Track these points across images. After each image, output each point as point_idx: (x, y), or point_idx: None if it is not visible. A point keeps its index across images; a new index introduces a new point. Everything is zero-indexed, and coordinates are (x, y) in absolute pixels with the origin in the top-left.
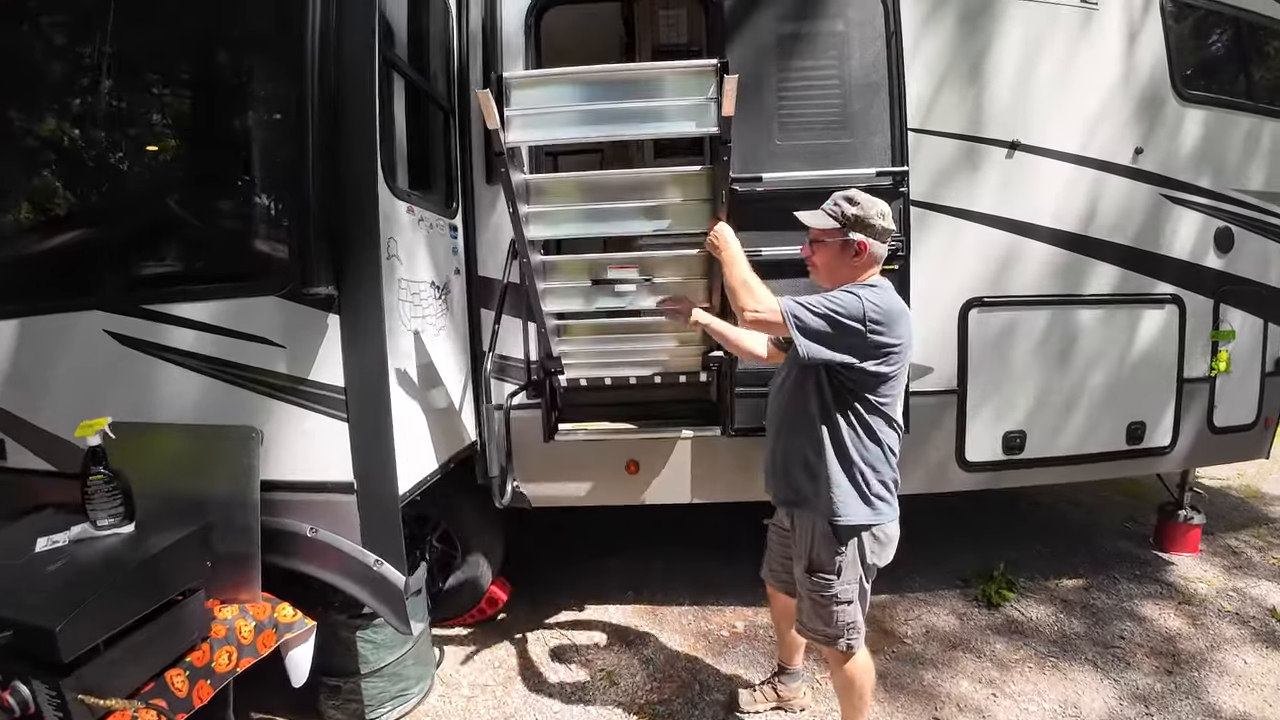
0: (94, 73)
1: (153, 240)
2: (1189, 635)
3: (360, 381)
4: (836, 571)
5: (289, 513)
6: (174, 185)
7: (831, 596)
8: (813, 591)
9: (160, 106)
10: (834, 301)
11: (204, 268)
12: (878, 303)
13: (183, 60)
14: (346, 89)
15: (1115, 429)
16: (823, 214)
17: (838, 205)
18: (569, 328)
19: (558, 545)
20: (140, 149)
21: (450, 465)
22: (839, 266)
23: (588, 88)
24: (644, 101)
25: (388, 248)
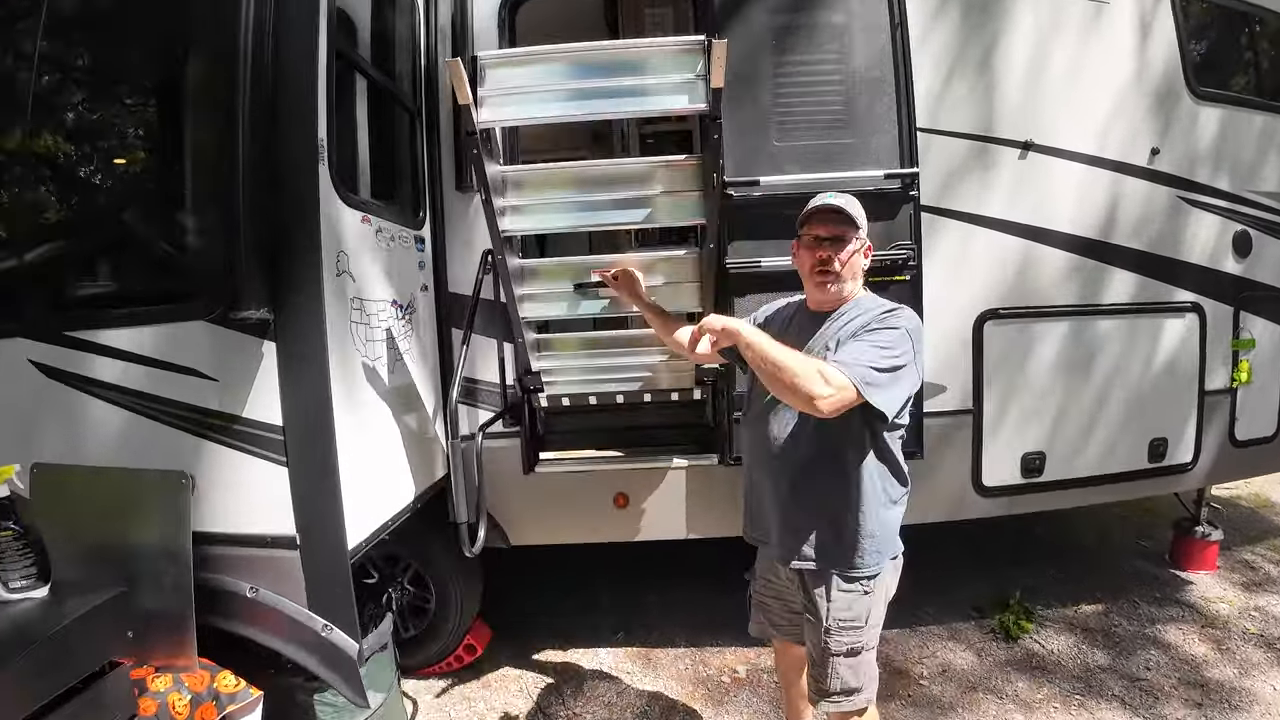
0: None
1: (74, 258)
2: (1215, 661)
3: (300, 418)
4: (866, 619)
5: (227, 569)
6: (93, 194)
7: (861, 647)
8: (838, 651)
9: (76, 111)
10: (889, 347)
11: (127, 288)
12: (915, 323)
13: (95, 56)
14: (284, 75)
15: (1137, 446)
16: (853, 212)
17: (855, 204)
18: (550, 342)
19: (541, 579)
20: (59, 159)
21: (420, 504)
22: (858, 271)
23: (568, 68)
24: (629, 79)
25: (337, 262)
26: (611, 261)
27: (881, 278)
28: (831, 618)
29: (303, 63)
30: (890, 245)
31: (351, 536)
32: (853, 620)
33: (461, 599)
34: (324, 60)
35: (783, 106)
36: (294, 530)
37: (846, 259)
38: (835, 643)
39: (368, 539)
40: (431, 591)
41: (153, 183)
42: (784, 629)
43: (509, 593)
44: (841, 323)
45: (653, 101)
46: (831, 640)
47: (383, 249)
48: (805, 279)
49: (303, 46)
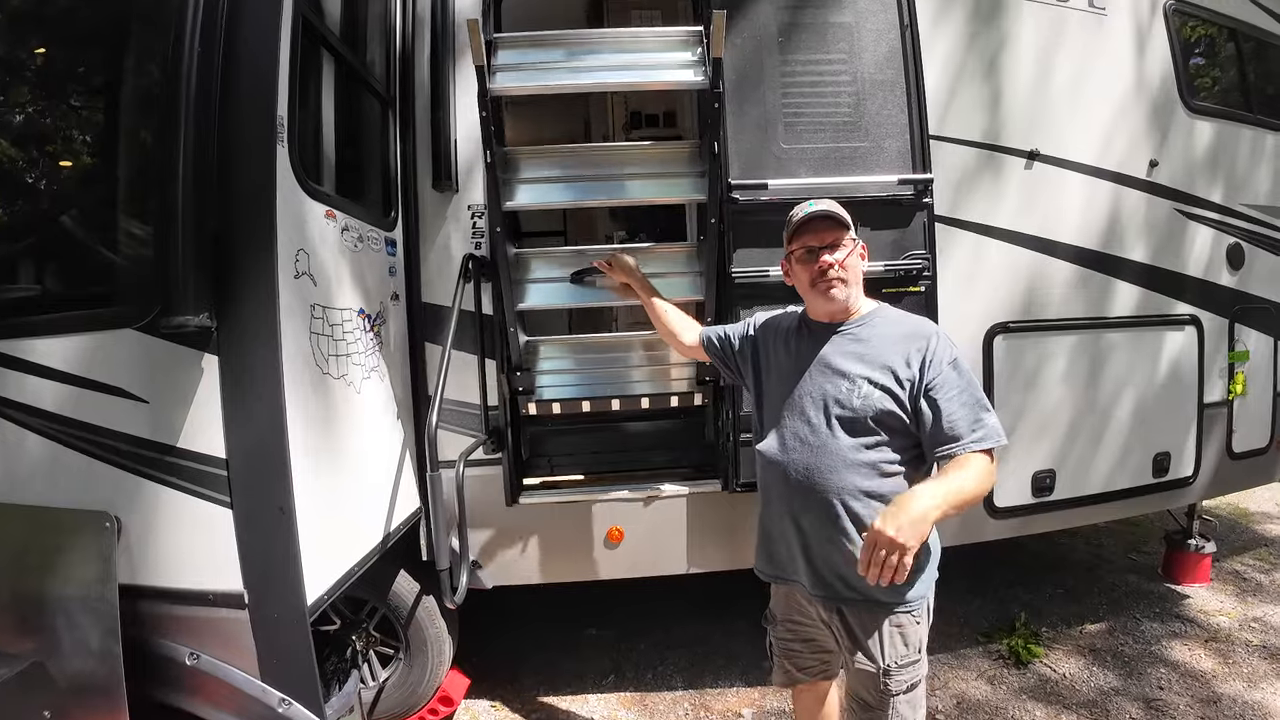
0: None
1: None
2: (1224, 676)
3: (248, 449)
4: (920, 649)
5: (163, 631)
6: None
7: (919, 680)
8: (899, 691)
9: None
10: (967, 373)
11: (42, 290)
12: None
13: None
14: (239, 33)
15: (1142, 461)
16: (839, 213)
17: (837, 206)
18: (542, 345)
19: (521, 615)
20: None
21: (389, 543)
22: (860, 275)
23: (575, 50)
24: (632, 56)
25: (295, 262)
26: (609, 251)
27: (895, 289)
28: (889, 658)
29: (264, 22)
30: (904, 255)
31: (311, 591)
32: (909, 655)
33: (434, 645)
34: (288, 25)
35: (791, 108)
36: (241, 586)
37: (850, 264)
38: (896, 683)
39: (329, 591)
40: (401, 638)
41: (73, 159)
42: (813, 670)
43: (487, 632)
44: (865, 337)
45: (655, 74)
46: (893, 681)
47: (349, 249)
48: (806, 293)
49: (265, 3)
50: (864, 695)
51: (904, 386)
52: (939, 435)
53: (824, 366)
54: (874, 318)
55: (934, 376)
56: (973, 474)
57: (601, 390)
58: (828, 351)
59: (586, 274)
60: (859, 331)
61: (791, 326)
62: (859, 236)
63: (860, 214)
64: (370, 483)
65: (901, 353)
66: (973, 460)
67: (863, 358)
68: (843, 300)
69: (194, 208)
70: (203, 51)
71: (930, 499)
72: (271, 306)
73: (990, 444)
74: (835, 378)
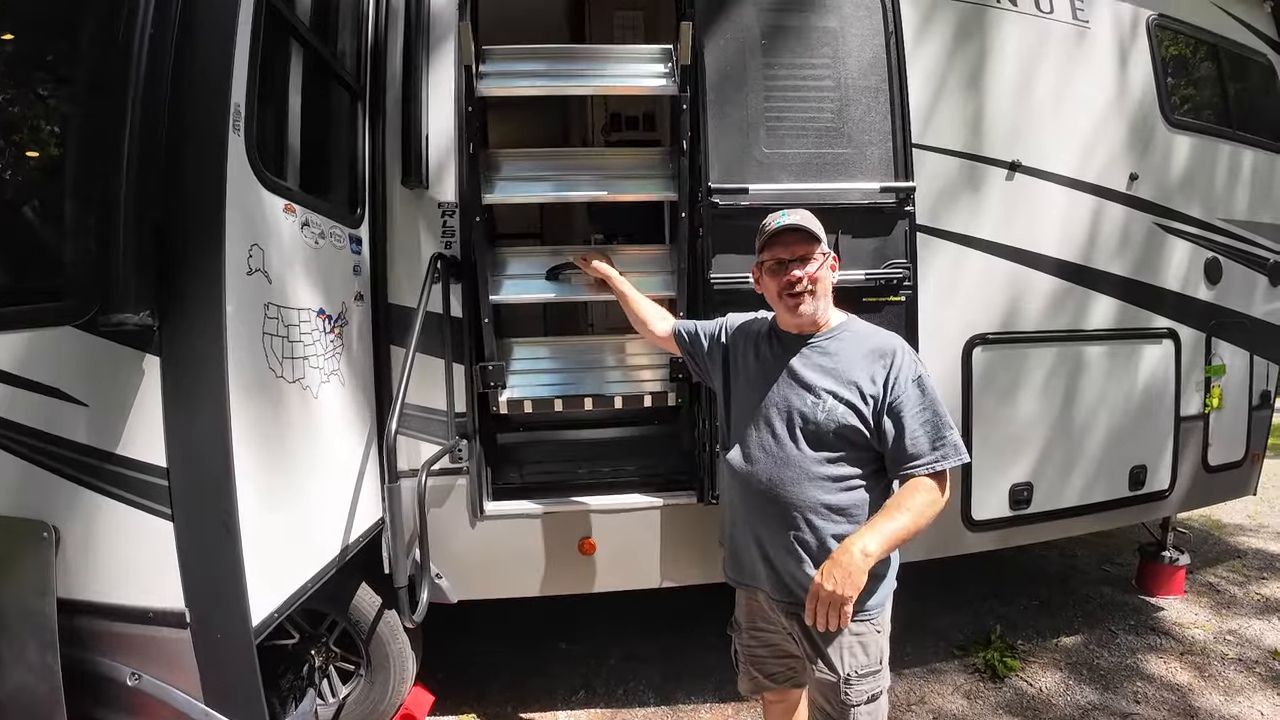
0: None
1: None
2: (1200, 689)
3: (189, 458)
4: (881, 660)
5: (104, 649)
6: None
7: (880, 691)
8: (859, 702)
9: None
10: (931, 391)
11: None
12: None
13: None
14: (194, 10)
15: (1118, 474)
16: (812, 226)
17: (810, 218)
18: (515, 346)
19: (488, 629)
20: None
21: (348, 556)
22: (829, 287)
23: (556, 62)
24: (609, 66)
25: (249, 258)
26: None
27: (876, 298)
28: (848, 668)
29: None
30: (885, 264)
31: (257, 611)
32: (870, 665)
33: (396, 661)
34: (249, 6)
35: (774, 112)
36: (182, 604)
37: (822, 276)
38: (856, 693)
39: (279, 609)
40: (361, 653)
41: (8, 143)
42: (779, 676)
43: (452, 646)
44: (832, 350)
45: (629, 81)
46: (853, 691)
47: (309, 246)
48: (775, 303)
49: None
50: (824, 705)
51: (868, 402)
52: (901, 453)
53: (791, 378)
54: (842, 331)
55: (898, 394)
56: (918, 505)
57: (574, 389)
58: (795, 363)
59: (562, 270)
60: (827, 345)
61: (762, 333)
62: (839, 244)
63: (841, 221)
64: (328, 492)
65: (867, 368)
66: (921, 489)
67: (829, 372)
68: (810, 314)
69: (137, 197)
70: (155, 30)
71: (864, 550)
72: (217, 305)
73: (952, 463)
74: (801, 390)
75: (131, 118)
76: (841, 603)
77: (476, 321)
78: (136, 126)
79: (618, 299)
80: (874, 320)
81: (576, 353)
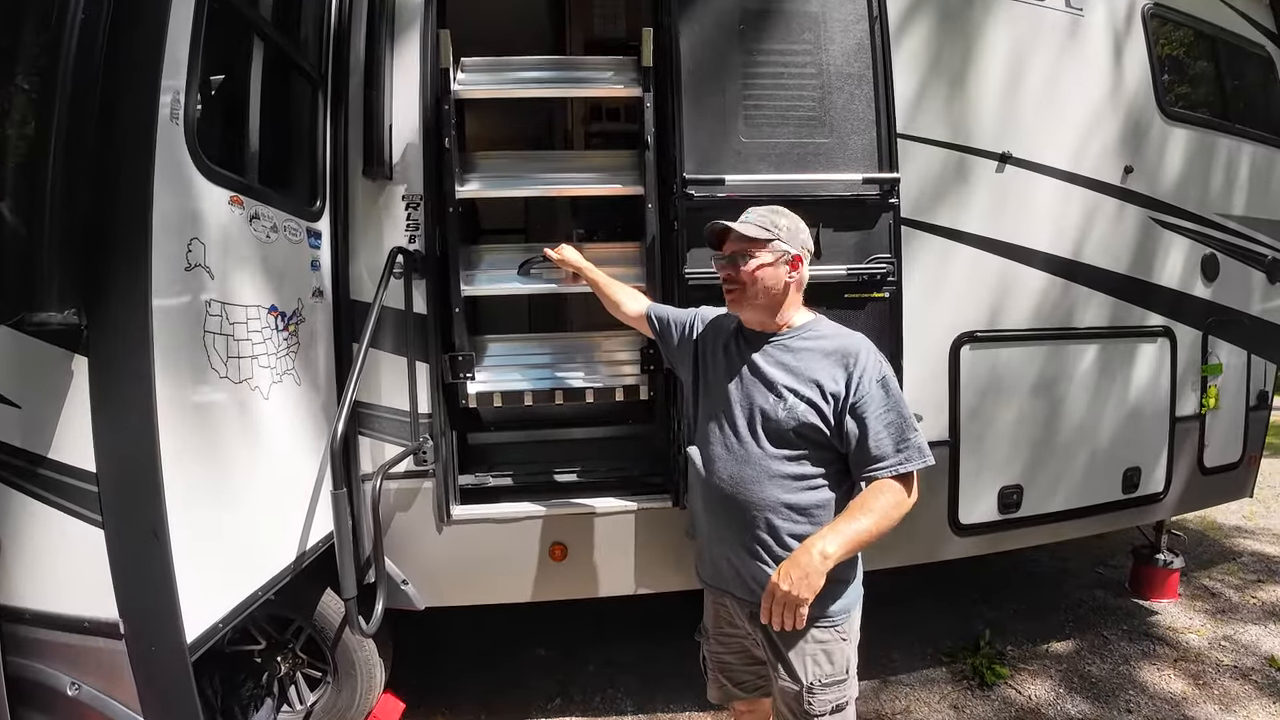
0: None
1: None
2: (1196, 698)
3: (118, 463)
4: (847, 669)
5: (43, 657)
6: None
7: (846, 702)
8: (823, 712)
9: None
10: (895, 392)
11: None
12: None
13: None
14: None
15: (1111, 477)
16: (754, 225)
17: (764, 216)
18: (488, 344)
19: (461, 636)
20: None
21: (305, 563)
22: (771, 286)
23: (530, 73)
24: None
25: (187, 253)
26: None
27: (858, 294)
28: (811, 676)
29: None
30: (868, 259)
31: (194, 622)
32: (834, 675)
33: (363, 668)
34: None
35: (752, 100)
36: (116, 614)
37: (761, 274)
38: (819, 703)
39: (224, 619)
40: (328, 659)
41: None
42: (749, 684)
43: (423, 654)
44: (796, 348)
45: (596, 86)
46: (815, 701)
47: (259, 240)
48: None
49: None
50: (786, 713)
51: (829, 402)
52: (864, 455)
53: (754, 376)
54: (807, 330)
55: (861, 395)
56: (881, 508)
57: (545, 383)
58: (758, 361)
59: (533, 264)
60: (791, 343)
61: (731, 329)
62: (820, 237)
63: (822, 214)
64: (281, 497)
65: (829, 368)
66: (885, 491)
67: (791, 370)
68: (751, 314)
69: (61, 188)
70: (86, 14)
71: (823, 552)
72: (142, 302)
73: (915, 465)
74: (763, 389)
75: (59, 106)
76: (797, 604)
77: (443, 316)
78: (64, 115)
79: (591, 288)
80: (857, 318)
81: (548, 349)
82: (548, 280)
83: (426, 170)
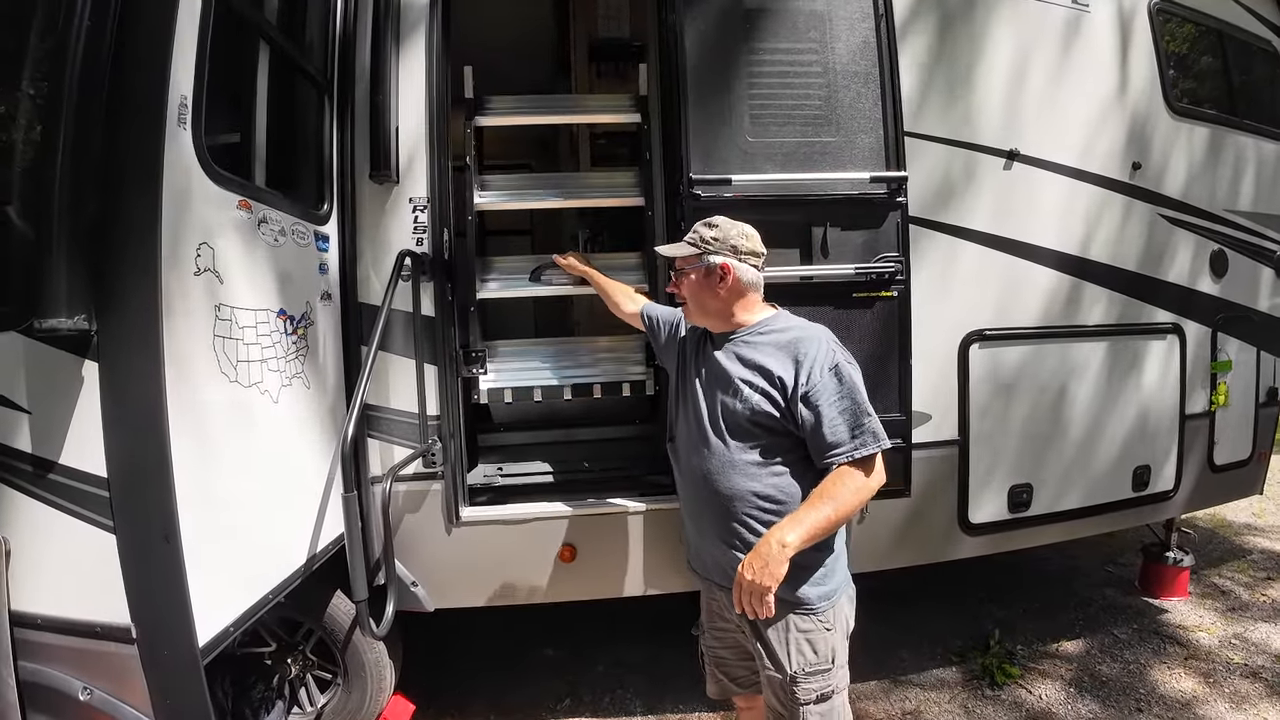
0: None
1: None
2: (1207, 698)
3: (128, 468)
4: (832, 659)
5: (55, 662)
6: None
7: (832, 691)
8: (808, 700)
9: None
10: (849, 379)
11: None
12: (828, 336)
13: None
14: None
15: (1121, 475)
16: (683, 244)
17: (695, 231)
18: (499, 345)
19: (470, 637)
20: None
21: (315, 565)
22: (706, 296)
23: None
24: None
25: (196, 258)
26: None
27: (866, 294)
28: (795, 665)
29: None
30: (875, 258)
31: (206, 626)
32: (818, 664)
33: (373, 670)
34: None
35: (758, 99)
36: (128, 619)
37: (686, 291)
38: (804, 691)
39: (235, 623)
40: (338, 661)
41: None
42: (744, 680)
43: (434, 654)
44: (752, 342)
45: (600, 115)
46: (800, 690)
47: (267, 244)
48: None
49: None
50: (775, 705)
51: (781, 389)
52: (821, 442)
53: (715, 373)
54: (764, 325)
55: (813, 383)
56: (842, 494)
57: (553, 380)
58: (718, 358)
59: (543, 270)
60: (749, 338)
61: (702, 331)
62: (827, 236)
63: (830, 213)
64: (292, 500)
65: (780, 359)
66: (845, 477)
67: (746, 363)
68: (700, 320)
69: (70, 192)
70: (92, 21)
71: (781, 541)
72: (152, 308)
73: (871, 449)
74: (723, 383)
75: (66, 112)
76: (762, 591)
77: (454, 317)
78: (71, 120)
79: (595, 289)
80: (866, 317)
81: (556, 350)
82: (557, 284)
83: (433, 174)
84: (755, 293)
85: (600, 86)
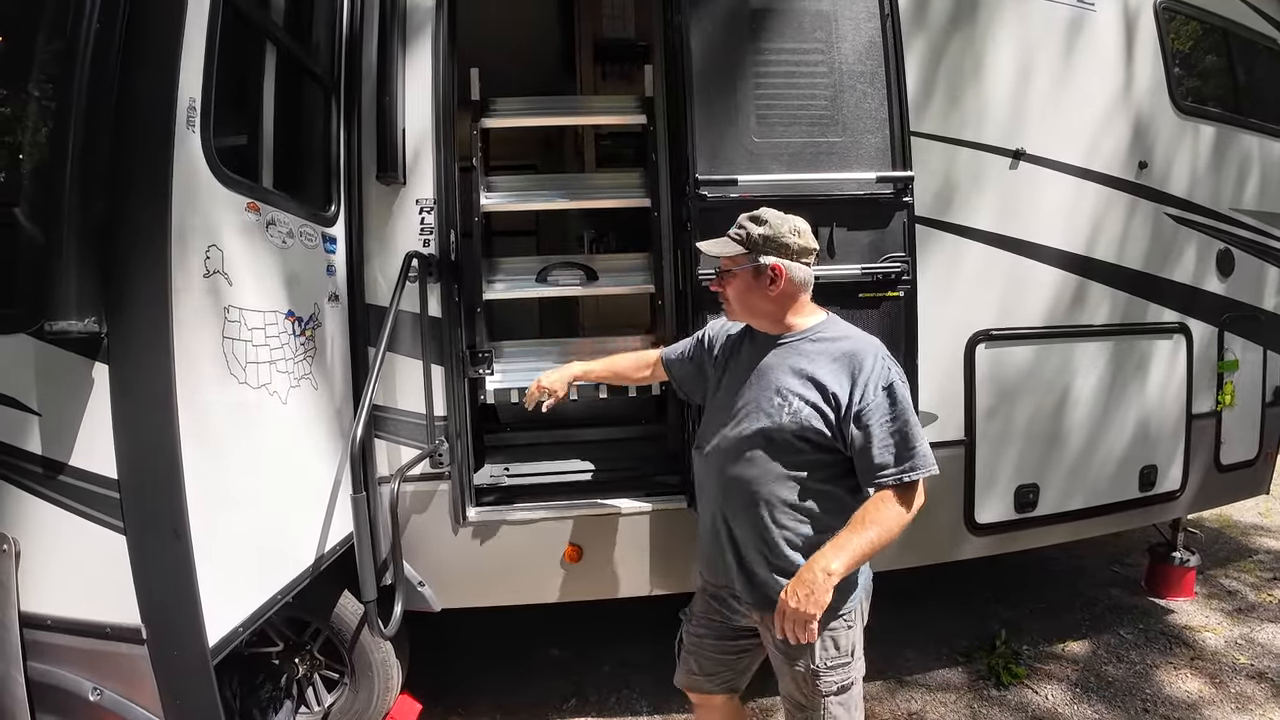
0: None
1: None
2: (1214, 700)
3: (139, 469)
4: (853, 652)
5: (65, 663)
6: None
7: (851, 682)
8: (829, 691)
9: None
10: (902, 399)
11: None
12: (884, 352)
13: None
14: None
15: (1128, 475)
16: (726, 240)
17: (742, 227)
18: (505, 346)
19: (476, 637)
20: None
21: (323, 565)
22: (755, 299)
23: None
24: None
25: (205, 260)
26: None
27: (873, 294)
28: (819, 660)
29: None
30: (882, 258)
31: (216, 627)
32: (840, 657)
33: (380, 670)
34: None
35: (764, 99)
36: (138, 620)
37: (732, 292)
38: (826, 684)
39: (244, 624)
40: (345, 661)
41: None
42: (716, 678)
43: (440, 653)
44: (804, 351)
45: (606, 117)
46: (822, 682)
47: (275, 246)
48: None
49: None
50: (797, 696)
51: (834, 406)
52: (869, 463)
53: (761, 378)
54: (816, 332)
55: (866, 401)
56: (886, 518)
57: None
58: (767, 363)
59: (550, 272)
60: (799, 345)
61: (741, 330)
62: (833, 237)
63: (836, 213)
64: (300, 500)
65: (835, 373)
66: (888, 501)
67: (798, 373)
68: (746, 322)
69: (79, 195)
70: (101, 24)
71: (826, 570)
72: (162, 310)
73: (920, 474)
74: (769, 391)
75: (75, 115)
76: (806, 620)
77: (460, 317)
78: (80, 123)
79: (601, 380)
80: (872, 317)
81: (562, 350)
82: (564, 285)
83: (440, 175)
84: (806, 293)
85: (605, 88)
